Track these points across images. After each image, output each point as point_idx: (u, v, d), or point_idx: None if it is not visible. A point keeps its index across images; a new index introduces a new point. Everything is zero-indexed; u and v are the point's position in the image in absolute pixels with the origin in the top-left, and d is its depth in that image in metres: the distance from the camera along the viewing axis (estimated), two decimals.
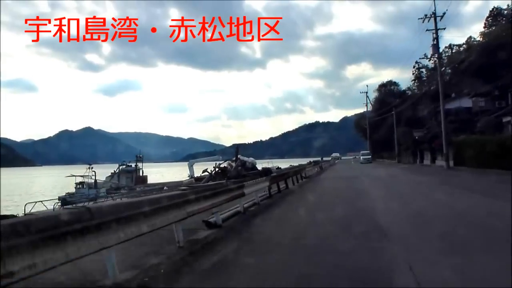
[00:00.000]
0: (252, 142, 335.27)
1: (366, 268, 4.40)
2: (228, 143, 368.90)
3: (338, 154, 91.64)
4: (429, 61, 55.80)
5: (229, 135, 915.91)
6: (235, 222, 7.70)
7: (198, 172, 27.93)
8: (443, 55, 51.96)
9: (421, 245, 5.44)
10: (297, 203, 11.44)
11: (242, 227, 7.35)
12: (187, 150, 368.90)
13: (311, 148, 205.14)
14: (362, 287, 3.91)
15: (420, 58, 55.21)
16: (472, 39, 50.51)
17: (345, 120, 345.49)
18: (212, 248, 5.59)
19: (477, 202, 10.26)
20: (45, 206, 19.18)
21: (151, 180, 38.80)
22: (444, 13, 29.04)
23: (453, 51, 53.15)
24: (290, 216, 9.18)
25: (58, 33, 11.30)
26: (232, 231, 6.88)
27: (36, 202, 19.28)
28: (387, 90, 67.07)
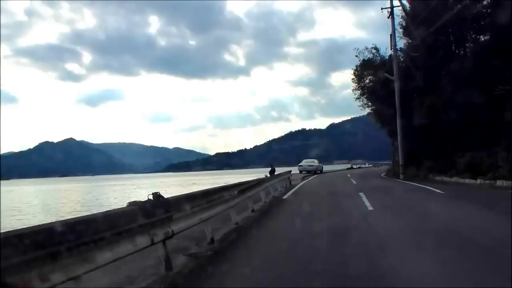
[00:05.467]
0: (236, 150, 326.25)
1: None
2: (214, 153, 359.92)
3: (315, 162, 42.69)
4: None
5: (215, 144, 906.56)
6: None
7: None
8: None
9: None
10: None
11: None
12: (171, 159, 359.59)
13: (297, 156, 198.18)
14: None
15: None
16: None
17: (332, 127, 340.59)
18: None
19: None
20: None
21: None
22: None
23: None
24: None
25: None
26: None
27: None
28: None
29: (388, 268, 4.63)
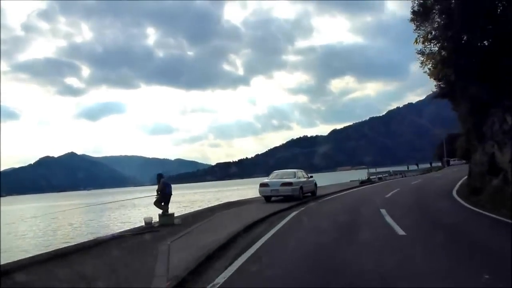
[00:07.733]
0: (237, 160, 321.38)
1: None
2: (215, 163, 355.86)
3: (299, 176, 19.07)
4: None
5: (217, 155, 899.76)
6: None
7: None
8: None
9: None
10: None
11: None
12: (173, 171, 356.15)
13: (299, 163, 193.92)
14: None
15: None
16: None
17: (334, 132, 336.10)
18: None
19: None
20: None
21: None
22: None
23: None
24: None
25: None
26: None
27: None
28: None
29: None
